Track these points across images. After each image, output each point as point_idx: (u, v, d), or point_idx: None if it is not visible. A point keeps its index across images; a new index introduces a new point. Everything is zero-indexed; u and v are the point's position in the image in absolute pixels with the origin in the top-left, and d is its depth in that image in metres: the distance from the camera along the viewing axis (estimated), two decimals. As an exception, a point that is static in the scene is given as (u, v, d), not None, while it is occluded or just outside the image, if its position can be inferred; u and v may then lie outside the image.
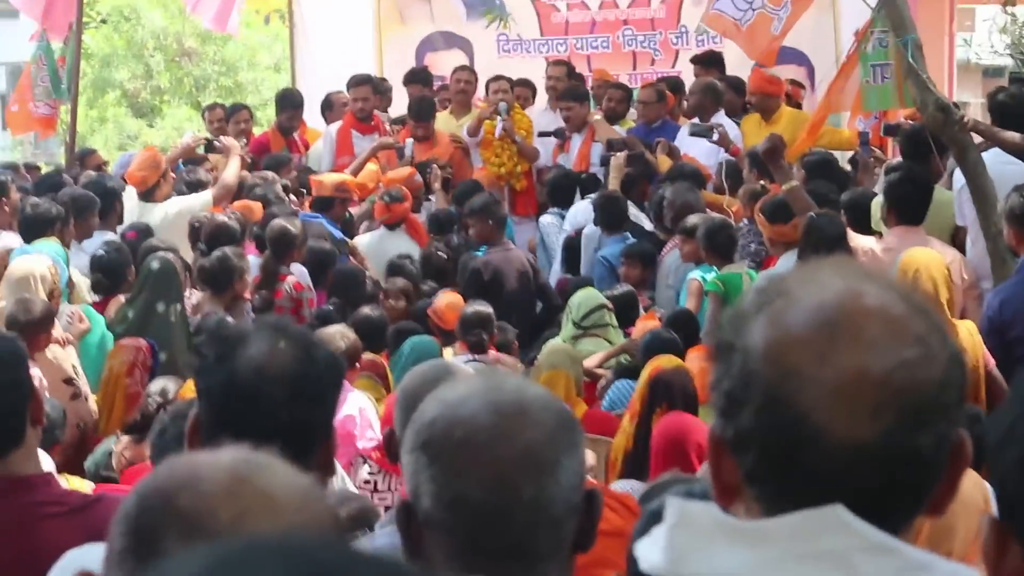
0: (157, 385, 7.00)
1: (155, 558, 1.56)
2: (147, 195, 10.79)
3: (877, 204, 8.59)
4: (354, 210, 11.73)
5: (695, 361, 7.49)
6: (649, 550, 1.68)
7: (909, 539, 1.67)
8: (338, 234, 11.06)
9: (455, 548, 2.13)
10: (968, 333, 6.90)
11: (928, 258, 7.07)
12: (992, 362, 6.91)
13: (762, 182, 10.04)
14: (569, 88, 13.00)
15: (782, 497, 1.64)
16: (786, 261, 8.78)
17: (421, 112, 12.86)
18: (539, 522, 2.12)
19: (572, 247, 11.19)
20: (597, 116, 12.75)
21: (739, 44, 12.53)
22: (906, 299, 1.68)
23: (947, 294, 6.90)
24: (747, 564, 1.61)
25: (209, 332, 8.06)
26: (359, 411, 7.33)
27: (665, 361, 7.24)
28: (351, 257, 10.87)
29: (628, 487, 5.78)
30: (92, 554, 2.41)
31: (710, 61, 13.32)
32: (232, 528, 1.57)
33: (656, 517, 1.83)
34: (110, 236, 10.10)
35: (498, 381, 2.22)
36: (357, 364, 8.01)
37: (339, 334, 7.81)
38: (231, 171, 11.10)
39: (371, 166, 12.10)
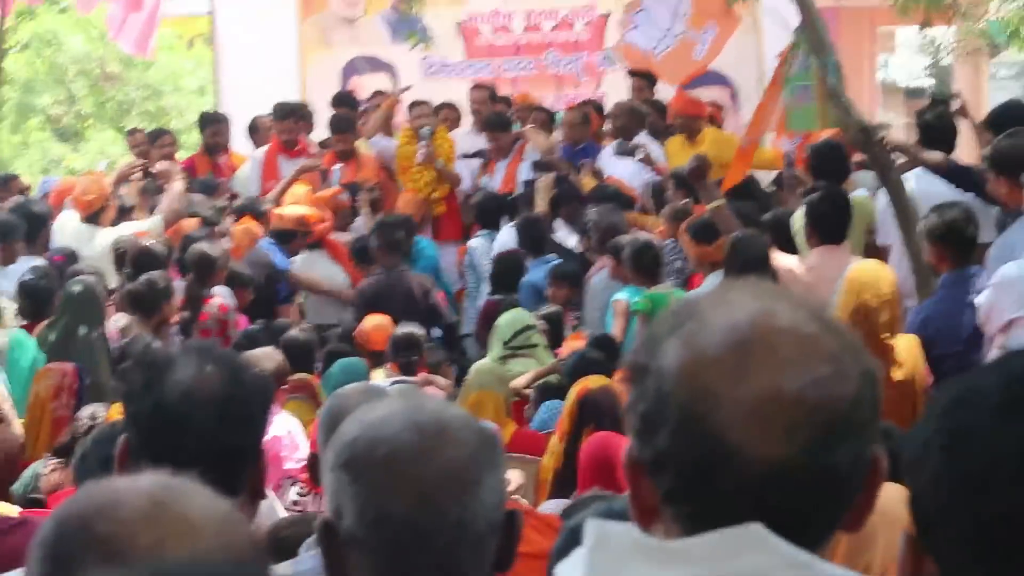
0: (87, 409, 6.96)
1: (73, 584, 1.56)
2: (92, 219, 10.77)
3: (797, 221, 8.64)
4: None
5: (622, 382, 7.50)
6: (569, 572, 1.68)
7: (826, 555, 1.68)
8: (284, 264, 11.03)
9: (378, 567, 2.14)
10: (908, 348, 6.94)
11: (876, 274, 7.06)
12: (930, 379, 6.94)
13: (686, 200, 10.09)
14: (491, 118, 12.94)
15: (700, 517, 1.64)
16: (711, 281, 8.83)
17: (341, 126, 12.80)
18: (461, 540, 2.13)
19: (500, 263, 11.06)
20: (530, 126, 12.72)
21: (655, 72, 12.57)
22: (817, 318, 1.69)
23: (892, 310, 6.92)
24: (666, 584, 1.62)
25: (135, 357, 8.00)
26: (287, 432, 7.32)
27: (593, 381, 7.25)
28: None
29: (556, 507, 5.78)
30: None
31: (647, 75, 13.31)
32: (151, 553, 1.56)
33: (575, 535, 1.84)
34: (36, 261, 10.05)
35: (418, 402, 2.24)
36: (284, 385, 8.01)
37: (266, 356, 7.79)
38: (175, 194, 11.09)
39: (300, 188, 12.04)
